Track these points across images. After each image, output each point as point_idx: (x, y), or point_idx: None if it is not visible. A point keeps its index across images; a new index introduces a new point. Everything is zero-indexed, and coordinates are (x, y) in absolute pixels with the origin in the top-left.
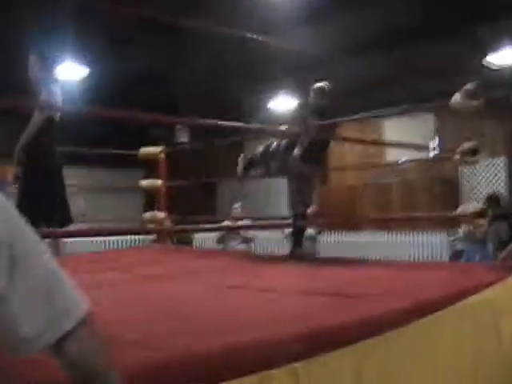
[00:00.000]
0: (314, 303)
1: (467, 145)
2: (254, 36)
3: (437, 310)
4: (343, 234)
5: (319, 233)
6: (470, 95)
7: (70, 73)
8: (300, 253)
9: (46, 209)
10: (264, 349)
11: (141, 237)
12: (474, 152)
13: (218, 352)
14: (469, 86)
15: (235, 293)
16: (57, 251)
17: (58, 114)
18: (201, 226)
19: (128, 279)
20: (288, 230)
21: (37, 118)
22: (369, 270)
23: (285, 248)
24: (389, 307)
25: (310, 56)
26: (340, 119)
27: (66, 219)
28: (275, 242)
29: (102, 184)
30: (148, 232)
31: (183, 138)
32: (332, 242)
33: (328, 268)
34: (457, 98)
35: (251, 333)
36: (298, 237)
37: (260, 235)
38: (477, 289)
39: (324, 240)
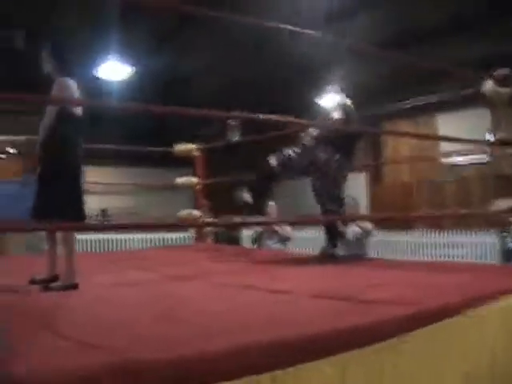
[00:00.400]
0: (319, 308)
1: (499, 135)
2: (297, 30)
3: (446, 317)
4: (396, 232)
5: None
6: (501, 82)
7: (114, 72)
8: (331, 252)
9: (59, 206)
10: (242, 356)
11: (185, 235)
12: (506, 143)
13: (186, 359)
14: (498, 72)
15: (245, 294)
16: (71, 247)
17: (78, 109)
18: (229, 221)
19: (149, 279)
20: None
21: (49, 113)
22: (395, 273)
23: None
24: (394, 313)
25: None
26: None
27: (78, 216)
28: (312, 240)
29: (153, 182)
30: (177, 227)
31: (235, 135)
32: (383, 241)
33: (355, 269)
34: (488, 85)
35: (233, 339)
36: (330, 235)
37: (297, 234)
38: (497, 295)
39: (375, 239)
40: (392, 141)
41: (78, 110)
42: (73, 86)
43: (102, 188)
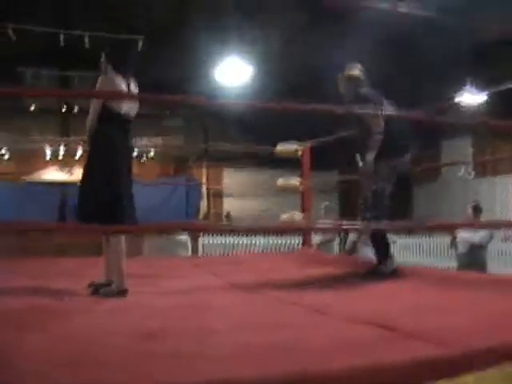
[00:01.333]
0: (342, 338)
1: None
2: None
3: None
4: None
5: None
6: None
7: (235, 73)
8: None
9: (91, 208)
10: None
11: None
12: None
13: None
14: None
15: (275, 312)
16: (116, 252)
17: (124, 107)
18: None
19: (206, 286)
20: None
21: (91, 110)
22: (479, 292)
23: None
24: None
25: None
26: None
27: (112, 220)
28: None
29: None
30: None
31: None
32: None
33: (429, 286)
34: None
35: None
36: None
37: (399, 240)
38: None
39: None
40: None
41: (123, 108)
42: (118, 84)
43: (230, 191)
